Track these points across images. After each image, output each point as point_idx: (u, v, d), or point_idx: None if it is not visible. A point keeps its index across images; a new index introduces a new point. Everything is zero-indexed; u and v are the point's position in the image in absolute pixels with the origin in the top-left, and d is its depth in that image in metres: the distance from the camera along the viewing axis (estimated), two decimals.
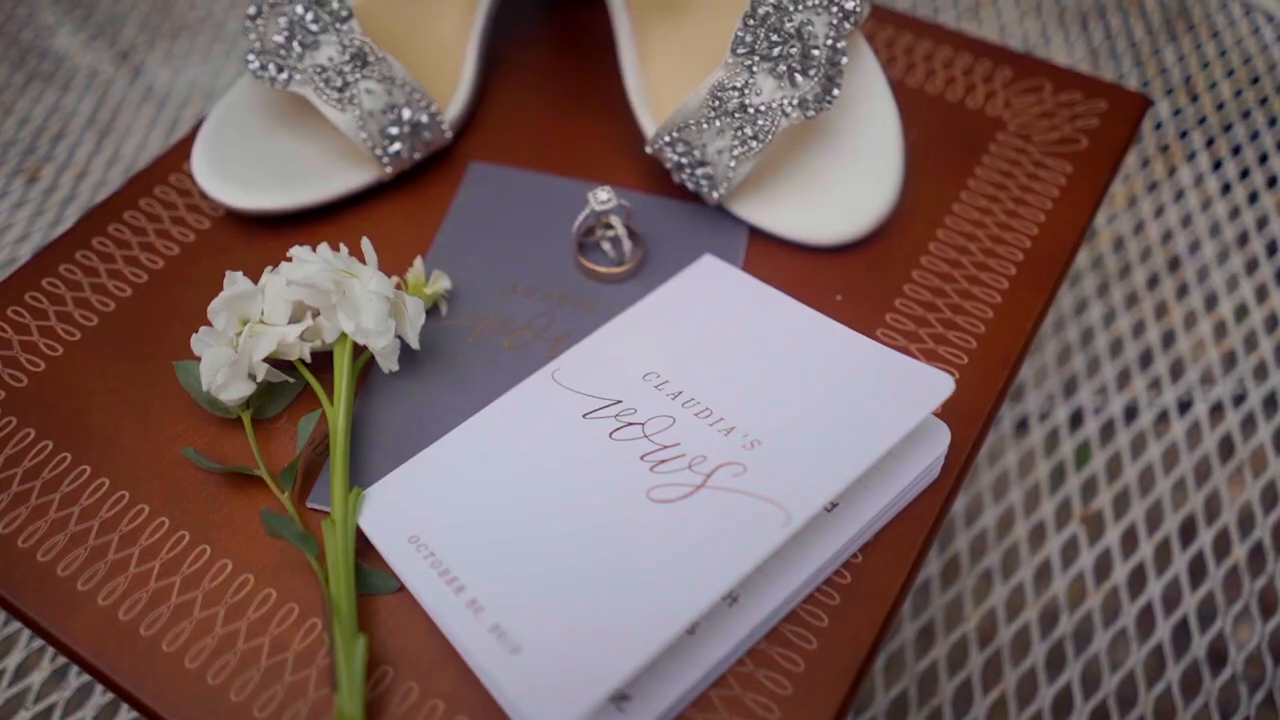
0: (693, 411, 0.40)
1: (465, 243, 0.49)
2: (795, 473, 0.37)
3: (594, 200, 0.46)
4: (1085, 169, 0.51)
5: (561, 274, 0.48)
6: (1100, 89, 0.55)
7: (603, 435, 0.40)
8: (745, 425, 0.39)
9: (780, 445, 0.38)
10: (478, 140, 0.53)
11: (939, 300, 0.47)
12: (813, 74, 0.45)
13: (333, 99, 0.48)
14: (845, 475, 0.36)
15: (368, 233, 0.50)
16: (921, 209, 0.50)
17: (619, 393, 0.41)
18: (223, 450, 0.43)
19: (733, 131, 0.45)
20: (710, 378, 0.41)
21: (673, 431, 0.39)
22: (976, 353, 0.45)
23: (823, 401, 0.39)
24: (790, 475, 0.37)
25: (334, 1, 0.48)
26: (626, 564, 0.35)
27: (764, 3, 0.45)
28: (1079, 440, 0.61)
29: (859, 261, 0.48)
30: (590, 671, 0.32)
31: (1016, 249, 0.48)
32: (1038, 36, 0.83)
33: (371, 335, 0.41)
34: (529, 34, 0.59)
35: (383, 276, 0.41)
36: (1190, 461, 0.60)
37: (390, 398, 0.44)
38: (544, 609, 0.35)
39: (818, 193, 0.48)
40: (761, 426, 0.39)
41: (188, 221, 0.50)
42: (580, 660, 0.33)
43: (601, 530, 0.37)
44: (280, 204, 0.49)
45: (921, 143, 0.52)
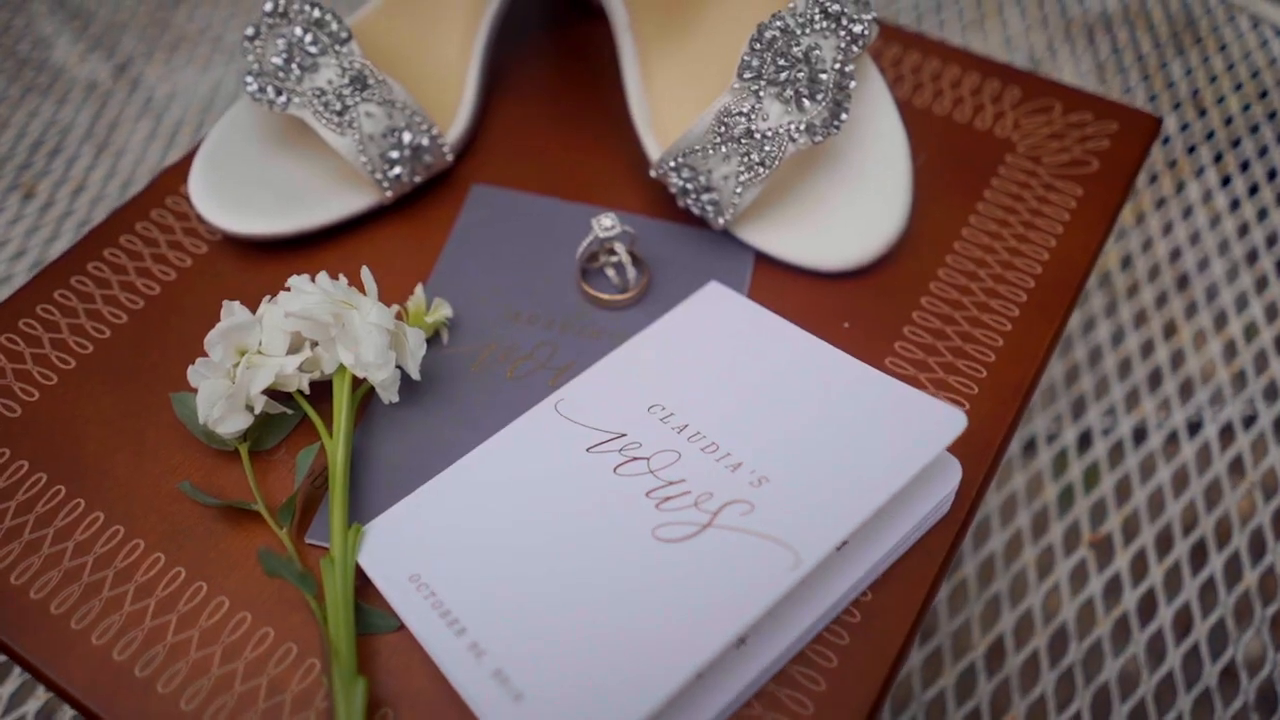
0: (699, 446, 0.39)
1: (467, 268, 0.48)
2: (804, 512, 0.36)
3: (598, 227, 0.45)
4: (1096, 191, 0.51)
5: (565, 301, 0.47)
6: (1110, 109, 0.54)
7: (607, 470, 0.39)
8: (752, 461, 0.38)
9: (788, 482, 0.37)
10: (479, 162, 0.53)
11: (948, 328, 0.46)
12: (820, 98, 0.44)
13: (332, 122, 0.47)
14: (855, 516, 0.35)
15: (368, 257, 0.49)
16: (930, 234, 0.49)
17: (623, 426, 0.41)
18: (220, 483, 0.42)
19: (739, 157, 0.45)
20: (716, 410, 0.40)
21: (678, 467, 0.39)
22: (987, 382, 0.44)
23: (831, 437, 0.38)
24: (799, 515, 0.36)
25: (333, 23, 0.48)
26: (632, 607, 0.34)
27: (771, 26, 0.44)
28: (1088, 462, 0.61)
29: (867, 288, 0.47)
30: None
31: (1027, 275, 0.48)
32: (1044, 49, 0.82)
33: (371, 368, 0.40)
34: (531, 51, 0.58)
35: (382, 307, 0.41)
36: (1200, 485, 0.59)
37: (391, 429, 0.43)
38: (547, 654, 0.34)
39: (825, 217, 0.47)
40: (769, 462, 0.38)
41: (184, 246, 0.49)
42: (585, 709, 0.32)
43: (606, 571, 0.36)
44: (278, 229, 0.48)
45: (930, 166, 0.51)
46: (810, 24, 0.45)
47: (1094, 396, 0.64)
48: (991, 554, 0.58)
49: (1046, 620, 0.55)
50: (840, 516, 0.35)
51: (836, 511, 0.36)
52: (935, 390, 0.44)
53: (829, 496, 0.36)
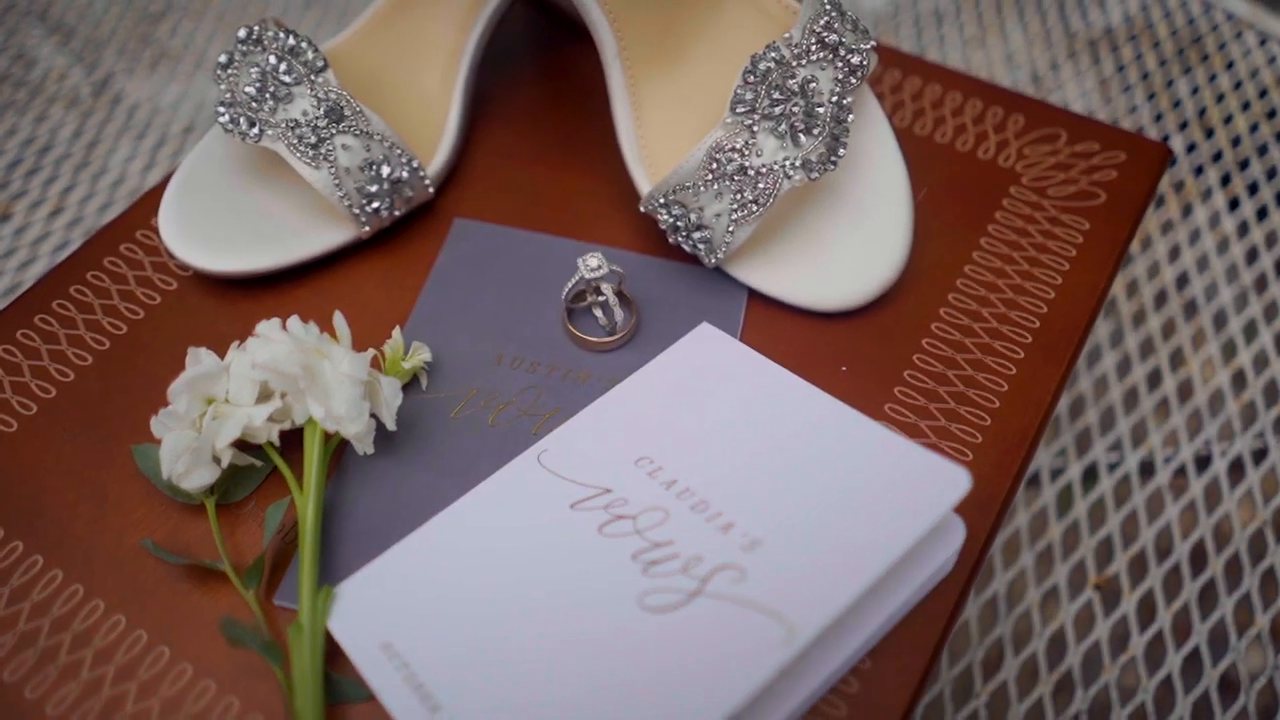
0: (688, 504, 0.37)
1: (448, 308, 0.46)
2: (798, 580, 0.34)
3: (584, 267, 0.43)
4: (1103, 226, 0.49)
5: (550, 343, 0.45)
6: (1118, 138, 0.52)
7: (592, 529, 0.37)
8: (744, 521, 0.36)
9: (782, 546, 0.35)
10: (462, 193, 0.51)
11: (951, 372, 0.44)
12: (817, 133, 0.42)
13: (306, 156, 0.45)
14: (852, 586, 0.33)
15: (345, 295, 0.47)
16: (931, 272, 0.47)
17: (609, 480, 0.39)
18: (185, 539, 0.40)
19: (731, 195, 0.43)
20: (707, 464, 0.38)
21: (667, 527, 0.37)
22: (991, 430, 0.42)
23: (827, 496, 0.36)
24: (793, 583, 0.34)
25: (309, 52, 0.46)
26: (616, 684, 0.32)
27: (765, 58, 0.42)
28: (1093, 499, 0.59)
29: (866, 329, 0.45)
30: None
31: (1031, 314, 0.46)
32: (1046, 67, 0.80)
33: (343, 422, 0.38)
34: (518, 75, 0.56)
35: (356, 357, 0.39)
36: (1209, 524, 0.57)
37: (365, 480, 0.41)
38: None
39: (821, 255, 0.45)
40: (762, 523, 0.36)
41: (154, 282, 0.47)
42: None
43: (589, 643, 0.34)
44: (250, 266, 0.46)
45: (931, 199, 0.49)
46: (807, 55, 0.43)
47: (1099, 430, 0.62)
48: (994, 596, 0.56)
49: (1051, 667, 0.53)
50: (837, 586, 0.33)
51: (833, 580, 0.34)
52: (937, 439, 0.42)
53: (825, 563, 0.34)
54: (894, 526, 0.35)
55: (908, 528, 0.35)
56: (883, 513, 0.35)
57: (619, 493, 0.38)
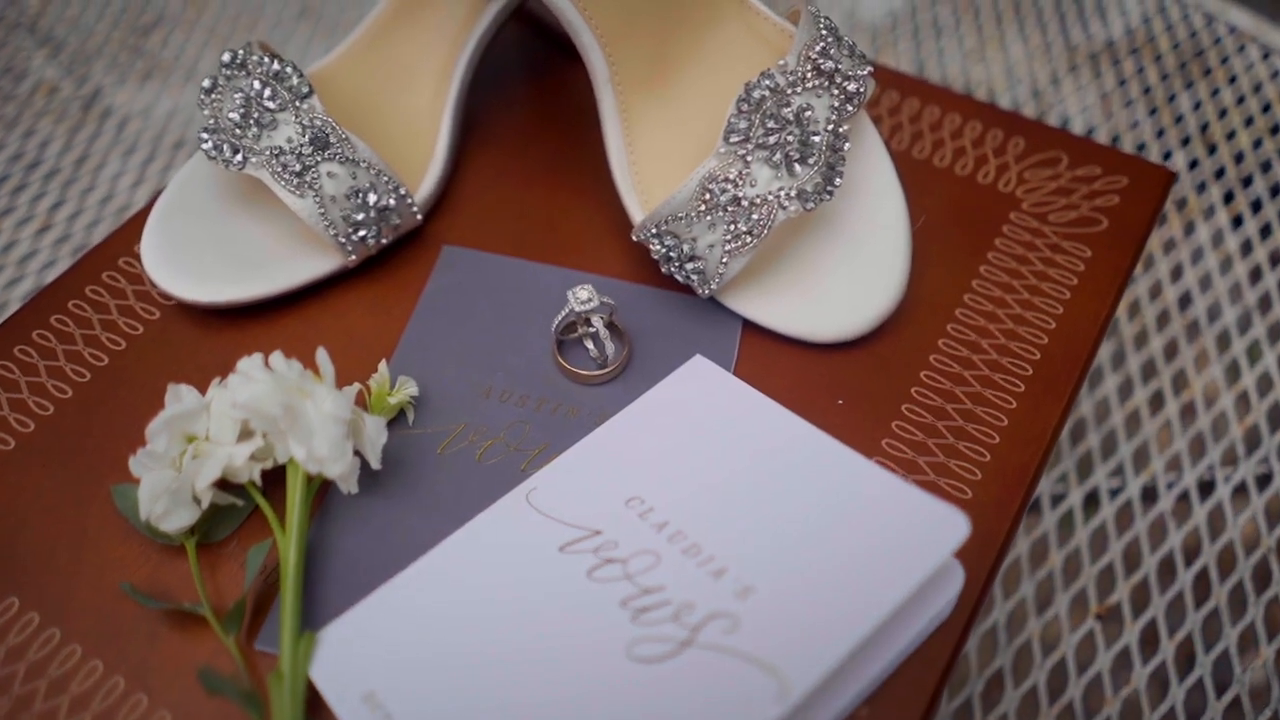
0: (679, 547, 0.36)
1: (435, 339, 0.45)
2: (792, 631, 0.33)
3: (573, 300, 0.42)
4: (1105, 254, 0.48)
5: (540, 375, 0.44)
6: (1120, 162, 0.51)
7: (580, 574, 0.36)
8: (737, 567, 0.35)
9: (776, 594, 0.34)
10: (452, 219, 0.50)
11: (949, 406, 0.43)
12: (813, 162, 0.41)
13: (290, 184, 0.44)
14: (847, 638, 0.32)
15: (331, 324, 0.46)
16: (930, 300, 0.46)
17: (599, 521, 0.38)
18: (166, 580, 0.39)
19: (725, 226, 0.42)
20: (699, 506, 0.37)
21: (657, 572, 0.36)
22: (990, 467, 0.41)
23: (823, 541, 0.35)
24: (786, 634, 0.33)
25: (293, 77, 0.45)
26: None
27: (759, 86, 0.41)
28: (1095, 526, 0.58)
29: (862, 361, 0.44)
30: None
31: (1032, 345, 0.45)
32: (1047, 81, 0.79)
33: (326, 463, 0.37)
34: (509, 96, 0.55)
35: (338, 395, 0.38)
36: (1213, 552, 0.56)
37: (350, 520, 0.40)
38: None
39: (817, 285, 0.44)
40: (755, 568, 0.35)
41: (136, 312, 0.46)
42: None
43: (577, 695, 0.33)
44: (234, 296, 0.45)
45: (930, 226, 0.48)
46: (802, 82, 0.42)
47: (1101, 455, 0.61)
48: (994, 626, 0.55)
49: (1052, 699, 0.53)
50: (831, 638, 0.32)
51: (827, 632, 0.33)
52: (935, 476, 0.41)
53: (819, 613, 0.33)
54: (891, 574, 0.34)
55: (905, 576, 0.34)
56: (879, 559, 0.34)
57: (609, 535, 0.37)
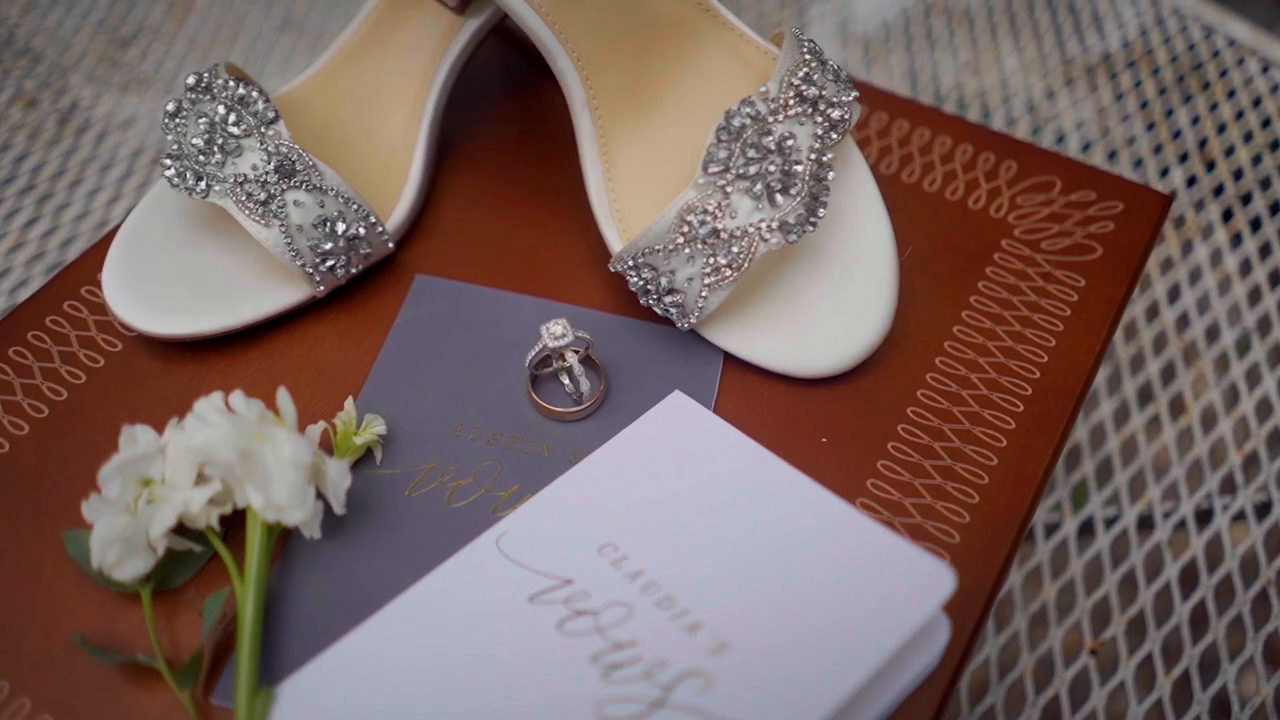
0: (653, 599, 0.35)
1: (406, 372, 0.44)
2: (768, 692, 0.31)
3: (547, 335, 0.41)
4: (1099, 284, 0.46)
5: (513, 412, 0.42)
6: (1115, 186, 0.49)
7: (550, 626, 0.35)
8: (713, 620, 0.34)
9: (752, 652, 0.33)
10: (426, 246, 0.48)
11: (937, 444, 0.42)
12: (795, 192, 0.40)
13: (255, 213, 0.42)
14: (826, 701, 0.31)
15: (299, 356, 0.44)
16: (919, 332, 0.45)
17: (571, 569, 0.36)
18: (121, 629, 0.37)
19: (704, 259, 0.40)
20: (674, 554, 0.36)
21: (630, 626, 0.34)
22: (979, 510, 0.40)
23: (803, 595, 0.34)
24: (762, 695, 0.31)
25: (259, 102, 0.43)
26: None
27: (739, 114, 0.40)
28: (1089, 557, 0.56)
29: (848, 396, 0.43)
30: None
31: (1023, 380, 0.43)
32: (1042, 95, 0.77)
33: (285, 511, 0.35)
34: (487, 115, 0.54)
35: (299, 440, 0.36)
36: (1210, 584, 0.55)
37: (313, 565, 0.38)
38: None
39: (801, 318, 0.43)
40: (731, 623, 0.33)
41: (97, 343, 0.45)
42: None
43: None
44: (198, 329, 0.43)
45: (919, 254, 0.47)
46: (784, 109, 0.40)
47: (1096, 482, 0.59)
48: (986, 662, 0.53)
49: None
50: (808, 701, 0.31)
51: (804, 694, 0.31)
52: (922, 519, 0.40)
53: (796, 674, 0.32)
54: (873, 632, 0.32)
55: (887, 633, 0.32)
56: (861, 615, 0.33)
57: (581, 584, 0.36)
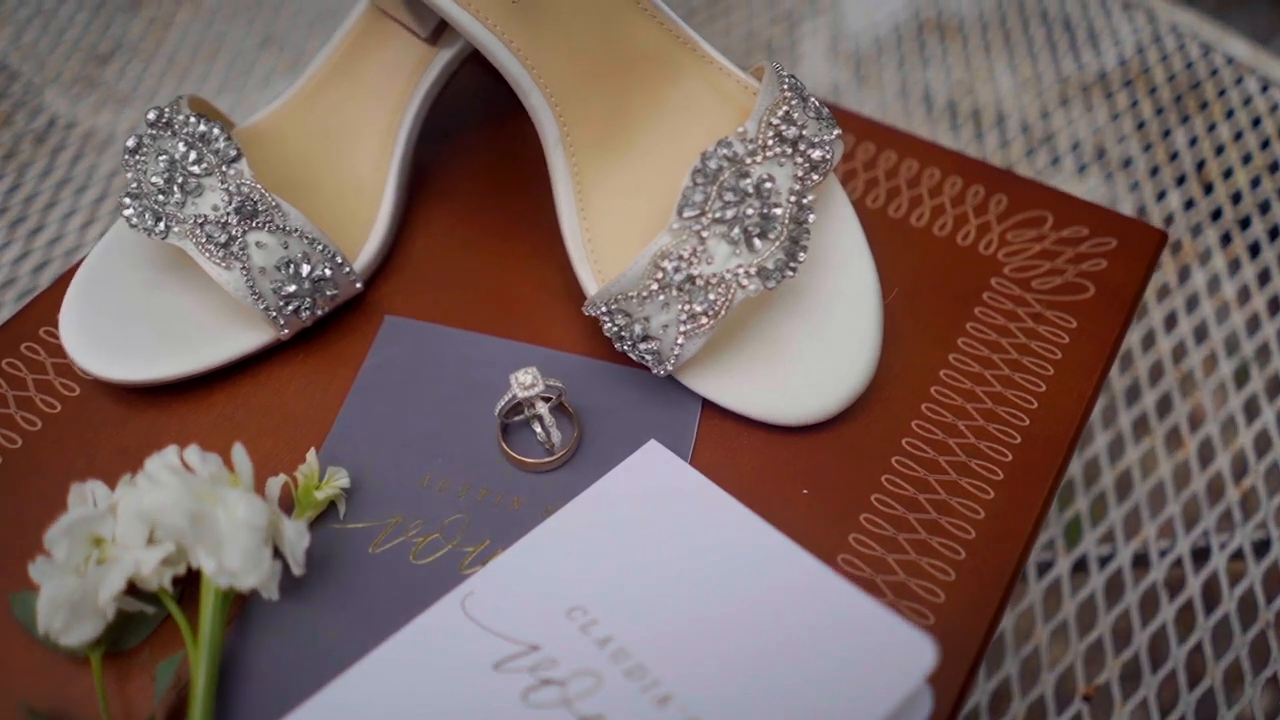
0: (623, 668, 0.33)
1: (373, 419, 0.42)
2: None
3: (516, 385, 0.39)
4: (1091, 325, 0.45)
5: (483, 462, 0.41)
6: (1109, 221, 0.48)
7: (514, 696, 0.33)
8: (684, 693, 0.32)
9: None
10: (396, 285, 0.47)
11: (922, 496, 0.40)
12: (774, 236, 0.38)
13: (216, 255, 0.41)
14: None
15: (263, 402, 0.43)
16: (904, 376, 0.43)
17: (538, 635, 0.35)
18: (72, 695, 0.36)
19: (679, 306, 0.39)
20: (645, 619, 0.34)
21: (597, 698, 0.33)
22: (965, 567, 0.38)
23: (776, 666, 0.32)
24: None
25: (219, 140, 0.42)
26: None
27: (715, 155, 0.38)
28: (1083, 597, 0.55)
29: (830, 445, 0.41)
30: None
31: (1012, 428, 0.42)
32: (1037, 115, 0.76)
33: (238, 576, 0.34)
34: (461, 146, 0.52)
35: (254, 501, 0.35)
36: (1208, 626, 0.53)
37: (271, 625, 0.37)
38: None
39: (781, 364, 0.41)
40: (703, 696, 0.32)
41: (55, 387, 0.43)
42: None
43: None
44: (158, 374, 0.42)
45: (905, 293, 0.45)
46: (762, 150, 0.39)
47: (1090, 519, 0.58)
48: (976, 708, 0.52)
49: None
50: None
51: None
52: (906, 576, 0.38)
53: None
54: (849, 709, 0.31)
55: (865, 711, 0.31)
56: (838, 690, 0.31)
57: (548, 651, 0.34)
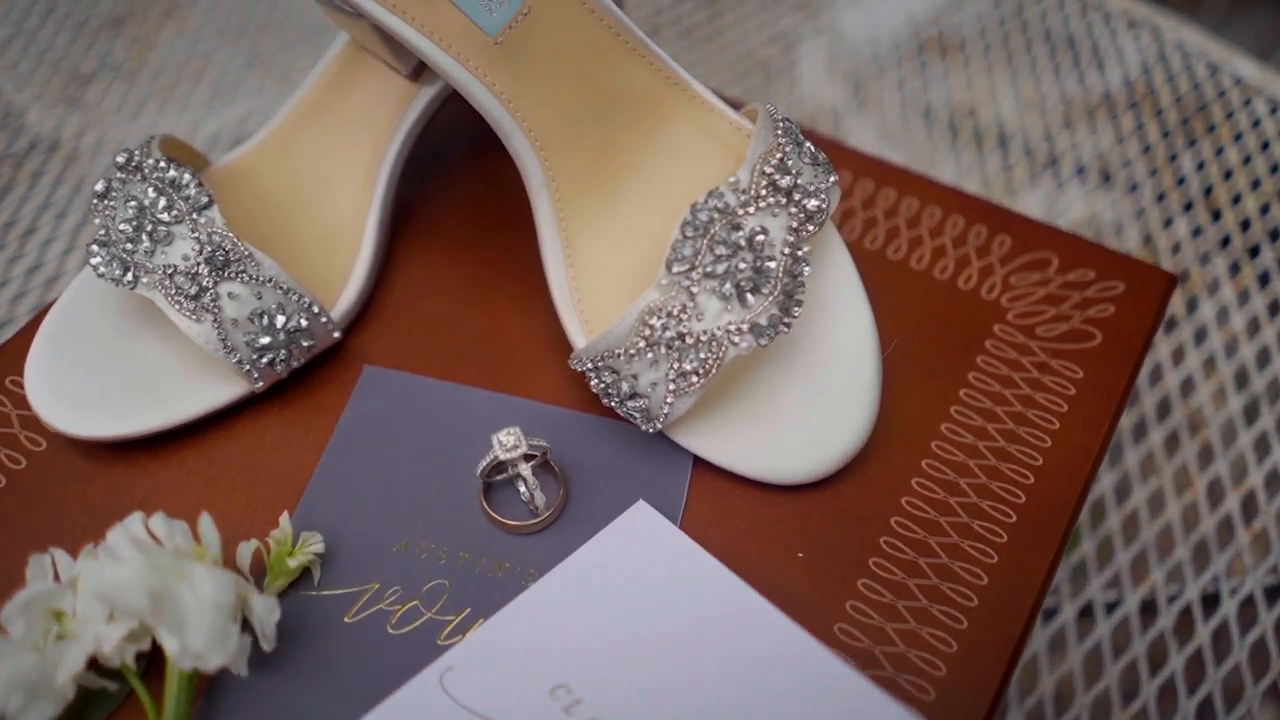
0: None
1: (350, 478, 0.40)
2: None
3: (498, 446, 0.38)
4: (1097, 375, 0.43)
5: (464, 523, 0.39)
6: (1116, 264, 0.46)
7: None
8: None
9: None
10: (376, 332, 0.45)
11: (922, 560, 0.38)
12: (767, 291, 0.37)
13: (186, 308, 0.39)
14: None
15: (236, 457, 0.41)
16: (903, 433, 0.41)
17: (521, 714, 0.33)
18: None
19: (668, 364, 0.37)
20: (631, 698, 0.33)
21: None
22: (967, 637, 0.37)
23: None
24: None
25: (190, 187, 0.40)
26: None
27: (705, 207, 0.37)
28: (1089, 646, 0.53)
29: (827, 505, 0.40)
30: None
31: (1016, 486, 0.40)
32: (1040, 138, 0.74)
33: (203, 657, 0.32)
34: (445, 183, 0.51)
35: (221, 577, 0.33)
36: (1218, 677, 0.52)
37: (240, 702, 0.35)
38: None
39: (775, 421, 0.39)
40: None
41: (20, 442, 0.42)
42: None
43: None
44: (127, 430, 0.40)
45: (906, 341, 0.44)
46: (755, 201, 0.37)
47: (1096, 564, 0.56)
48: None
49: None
50: None
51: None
52: (906, 647, 0.36)
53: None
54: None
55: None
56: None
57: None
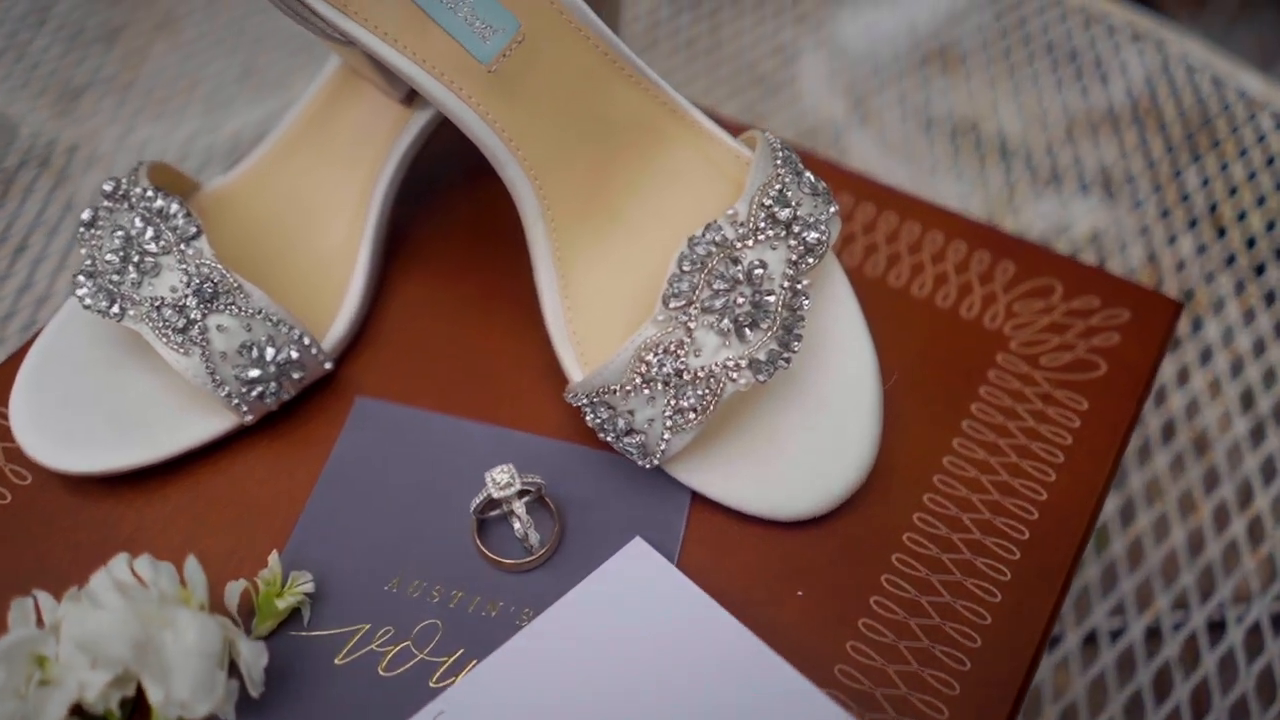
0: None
1: (341, 514, 0.40)
2: None
3: (491, 484, 0.37)
4: (1102, 406, 0.42)
5: (458, 561, 0.38)
6: (1121, 292, 0.45)
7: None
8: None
9: None
10: (368, 363, 0.44)
11: (925, 598, 0.38)
12: (766, 326, 0.36)
13: (174, 341, 0.38)
14: None
15: (224, 492, 0.40)
16: (905, 467, 0.41)
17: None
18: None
19: (665, 400, 0.36)
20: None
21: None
22: (971, 678, 0.36)
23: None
24: None
25: (178, 217, 0.39)
26: None
27: (703, 240, 0.36)
28: (1093, 675, 0.52)
29: (827, 542, 0.39)
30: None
31: (1020, 522, 0.39)
32: (1042, 153, 0.73)
33: (189, 706, 0.31)
34: (441, 207, 0.50)
35: (207, 624, 0.32)
36: (1224, 706, 0.51)
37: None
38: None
39: (775, 456, 0.39)
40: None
41: (5, 476, 0.41)
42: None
43: None
44: (113, 464, 0.39)
45: (907, 372, 0.43)
46: (754, 234, 0.36)
47: (1100, 591, 0.55)
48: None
49: None
50: None
51: None
52: (908, 690, 0.36)
53: None
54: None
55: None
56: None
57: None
